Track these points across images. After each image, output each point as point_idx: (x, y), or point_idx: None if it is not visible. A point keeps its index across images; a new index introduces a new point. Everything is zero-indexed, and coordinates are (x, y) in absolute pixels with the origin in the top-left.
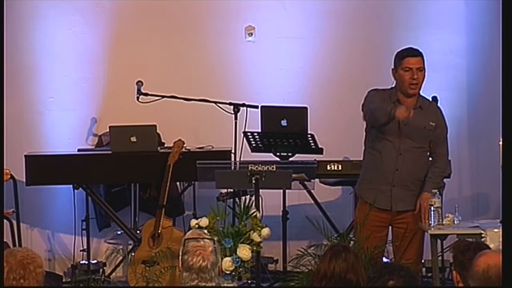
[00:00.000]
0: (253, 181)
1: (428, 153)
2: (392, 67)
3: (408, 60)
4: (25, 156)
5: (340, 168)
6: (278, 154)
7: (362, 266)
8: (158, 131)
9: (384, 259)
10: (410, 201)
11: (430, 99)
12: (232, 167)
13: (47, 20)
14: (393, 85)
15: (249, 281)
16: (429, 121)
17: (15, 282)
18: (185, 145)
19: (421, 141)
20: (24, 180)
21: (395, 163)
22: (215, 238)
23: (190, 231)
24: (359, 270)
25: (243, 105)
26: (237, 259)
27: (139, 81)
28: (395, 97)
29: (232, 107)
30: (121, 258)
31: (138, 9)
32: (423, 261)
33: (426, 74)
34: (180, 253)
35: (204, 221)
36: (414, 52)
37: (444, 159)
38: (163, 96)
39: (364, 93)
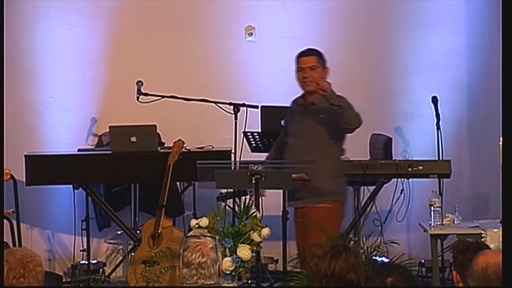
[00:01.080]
0: (253, 181)
1: (331, 146)
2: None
3: (301, 60)
4: (25, 156)
5: None
6: None
7: (362, 266)
8: (158, 131)
9: (384, 259)
10: (303, 196)
11: (430, 100)
12: (232, 167)
13: (47, 20)
14: None
15: (249, 281)
16: (319, 114)
17: (15, 281)
18: (185, 145)
19: (314, 137)
20: (24, 180)
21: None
22: (217, 237)
23: (193, 231)
24: (359, 270)
25: (243, 105)
26: (237, 259)
27: (139, 81)
28: (300, 98)
29: (232, 107)
30: (121, 258)
31: (138, 9)
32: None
33: (327, 71)
34: (181, 251)
35: (204, 221)
36: (306, 52)
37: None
38: (163, 96)
39: (364, 93)
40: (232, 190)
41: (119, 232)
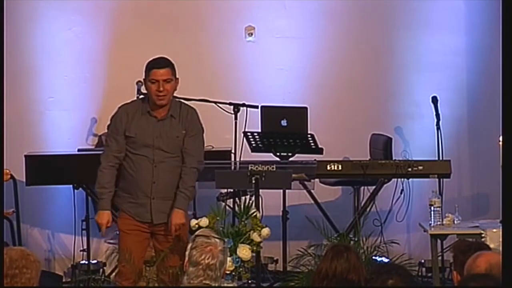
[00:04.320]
0: (253, 181)
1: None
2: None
3: (155, 72)
4: (25, 156)
5: (340, 168)
6: (278, 154)
7: (363, 266)
8: None
9: (384, 259)
10: (171, 211)
11: (430, 100)
12: (232, 167)
13: (48, 20)
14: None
15: (249, 281)
16: (181, 129)
17: (18, 271)
18: None
19: (175, 150)
20: (24, 180)
21: (151, 175)
22: (225, 239)
23: (201, 230)
24: (360, 270)
25: (243, 105)
26: (237, 259)
27: (139, 81)
28: (146, 108)
29: (232, 107)
30: None
31: (138, 9)
32: (423, 261)
33: (177, 83)
34: (189, 248)
35: (204, 221)
36: (160, 64)
37: (192, 172)
38: None
39: (364, 93)
40: (232, 190)
41: (119, 232)
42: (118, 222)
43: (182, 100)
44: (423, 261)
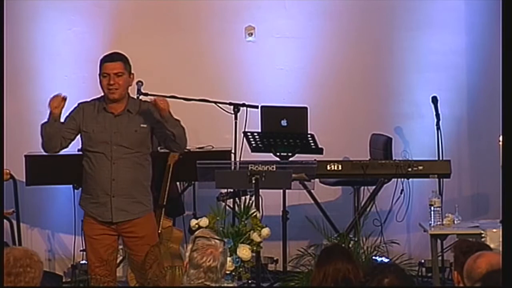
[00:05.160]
0: (253, 181)
1: (148, 156)
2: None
3: (106, 66)
4: (25, 156)
5: (340, 168)
6: (278, 154)
7: (360, 267)
8: None
9: (384, 259)
10: (131, 209)
11: (430, 100)
12: (232, 167)
13: (47, 20)
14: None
15: (249, 281)
16: (140, 124)
17: (22, 270)
18: None
19: (136, 146)
20: (24, 180)
21: (110, 172)
22: (225, 239)
23: (201, 230)
24: (358, 270)
25: (243, 105)
26: (237, 259)
27: (139, 81)
28: (102, 105)
29: (232, 107)
30: (121, 258)
31: (138, 9)
32: (423, 261)
33: (132, 79)
34: (189, 250)
35: (204, 221)
36: (111, 58)
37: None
38: (163, 96)
39: (364, 93)
40: (232, 190)
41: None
42: (84, 228)
43: (142, 98)
44: (423, 261)
